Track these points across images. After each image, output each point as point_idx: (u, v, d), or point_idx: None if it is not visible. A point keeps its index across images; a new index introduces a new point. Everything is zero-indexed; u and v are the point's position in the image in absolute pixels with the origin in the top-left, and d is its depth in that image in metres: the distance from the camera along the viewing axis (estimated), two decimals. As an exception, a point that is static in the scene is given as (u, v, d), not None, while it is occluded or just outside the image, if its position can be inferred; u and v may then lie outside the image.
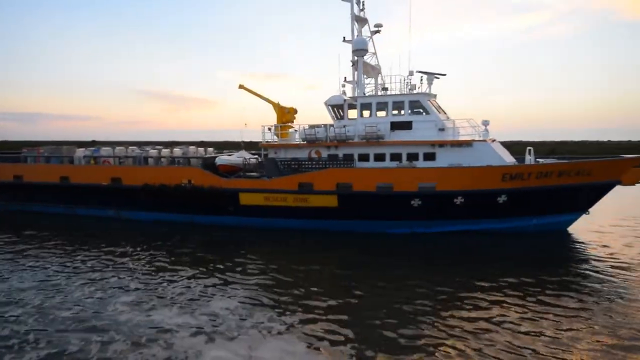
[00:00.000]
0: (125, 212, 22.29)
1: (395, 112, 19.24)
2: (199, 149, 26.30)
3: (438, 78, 21.86)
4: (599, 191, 18.56)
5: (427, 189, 17.49)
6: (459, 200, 17.54)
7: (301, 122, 20.54)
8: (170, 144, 32.23)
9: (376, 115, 19.33)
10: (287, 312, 10.11)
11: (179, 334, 8.71)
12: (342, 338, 8.77)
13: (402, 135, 18.70)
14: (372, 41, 21.87)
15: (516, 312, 10.12)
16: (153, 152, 22.93)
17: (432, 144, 18.38)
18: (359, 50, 19.39)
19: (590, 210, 19.80)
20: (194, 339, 8.50)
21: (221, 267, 13.70)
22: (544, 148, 67.61)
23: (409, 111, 19.00)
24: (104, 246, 16.35)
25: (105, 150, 24.50)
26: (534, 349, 8.33)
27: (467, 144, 18.20)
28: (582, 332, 9.06)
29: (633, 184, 18.71)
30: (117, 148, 25.09)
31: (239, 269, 13.52)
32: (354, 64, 20.07)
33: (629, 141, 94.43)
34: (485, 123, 20.29)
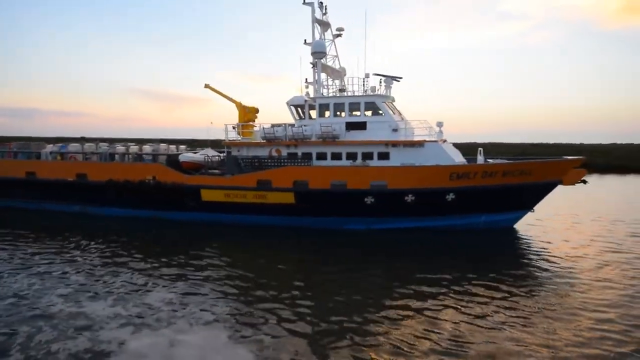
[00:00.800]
0: (91, 208, 22.59)
1: (353, 113, 19.91)
2: (171, 146, 26.62)
3: (398, 81, 22.62)
4: (541, 190, 19.57)
5: (379, 187, 18.24)
6: (409, 198, 18.33)
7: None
8: (162, 142, 32.38)
9: (334, 115, 19.98)
10: (222, 304, 10.57)
11: (108, 325, 9.12)
12: (269, 330, 9.20)
13: (356, 135, 19.39)
14: (334, 44, 22.51)
15: (462, 304, 10.72)
16: (121, 148, 23.21)
17: (386, 143, 19.10)
18: (317, 53, 19.95)
19: (535, 208, 20.97)
20: (121, 330, 8.92)
21: (171, 261, 14.09)
22: (514, 150, 69.69)
23: (365, 112, 19.70)
24: (59, 240, 16.62)
25: (73, 147, 24.66)
26: (473, 339, 8.85)
27: (419, 144, 18.98)
28: (523, 319, 9.83)
29: (573, 184, 19.76)
30: (86, 144, 25.28)
31: (188, 263, 13.94)
32: (314, 65, 20.62)
33: (600, 144, 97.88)
34: (439, 124, 21.14)
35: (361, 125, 19.38)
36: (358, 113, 19.71)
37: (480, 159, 20.93)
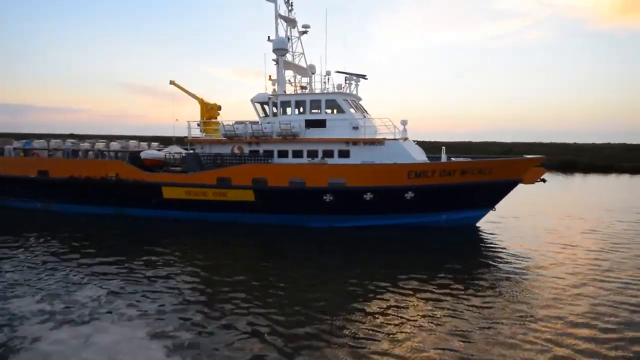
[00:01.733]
0: (54, 205, 22.46)
1: (315, 110, 19.93)
2: (142, 143, 26.48)
3: (366, 79, 22.75)
4: (501, 189, 19.70)
5: (337, 185, 18.28)
6: (368, 196, 18.39)
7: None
8: (153, 139, 31.78)
9: (295, 113, 19.99)
10: (151, 300, 10.53)
11: (29, 320, 9.05)
12: (191, 327, 9.15)
13: (316, 133, 19.40)
14: (300, 42, 22.51)
15: (419, 299, 10.92)
16: (85, 145, 23.07)
17: (347, 141, 19.14)
18: (279, 50, 19.91)
19: (497, 206, 21.13)
20: (41, 326, 8.83)
21: (117, 258, 13.98)
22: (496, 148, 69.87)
23: (326, 110, 19.72)
24: (8, 237, 16.40)
25: (38, 143, 24.47)
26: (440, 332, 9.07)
27: (379, 142, 19.04)
28: (484, 314, 10.09)
29: (533, 182, 19.90)
30: (53, 141, 25.07)
31: (134, 260, 13.81)
32: (277, 62, 20.59)
33: (593, 144, 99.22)
34: (404, 122, 21.25)
35: (321, 123, 19.40)
36: (317, 110, 19.73)
37: (443, 157, 21.07)
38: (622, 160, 61.12)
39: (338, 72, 20.67)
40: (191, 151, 21.43)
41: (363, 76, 22.17)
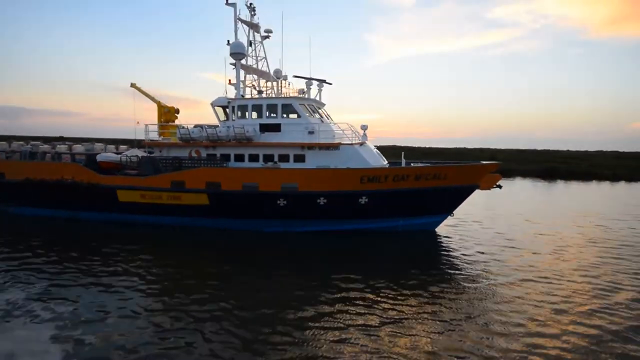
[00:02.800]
0: (12, 208, 22.18)
1: (272, 114, 19.90)
2: (110, 146, 26.26)
3: (330, 83, 22.85)
4: (457, 194, 19.73)
5: (290, 189, 18.21)
6: (322, 200, 18.33)
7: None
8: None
9: (252, 117, 19.95)
10: (69, 304, 10.44)
11: None
12: (107, 331, 9.12)
13: (271, 137, 19.36)
14: (263, 46, 22.56)
15: (377, 306, 10.77)
16: (44, 147, 22.84)
17: (302, 146, 19.11)
18: (236, 54, 19.91)
19: (460, 211, 21.17)
20: None
21: (52, 261, 13.89)
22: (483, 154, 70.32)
23: (282, 114, 19.71)
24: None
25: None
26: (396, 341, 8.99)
27: (334, 146, 19.01)
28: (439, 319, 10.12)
29: (489, 188, 19.99)
30: (15, 143, 24.82)
31: (71, 263, 13.68)
32: (234, 66, 20.59)
33: (586, 151, 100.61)
34: (364, 128, 21.27)
35: (275, 127, 19.37)
36: (274, 114, 19.71)
37: (402, 163, 21.10)
38: (610, 168, 61.70)
39: (295, 76, 20.73)
40: (149, 154, 21.27)
41: (323, 81, 22.25)
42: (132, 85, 22.36)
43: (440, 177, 18.88)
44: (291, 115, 19.82)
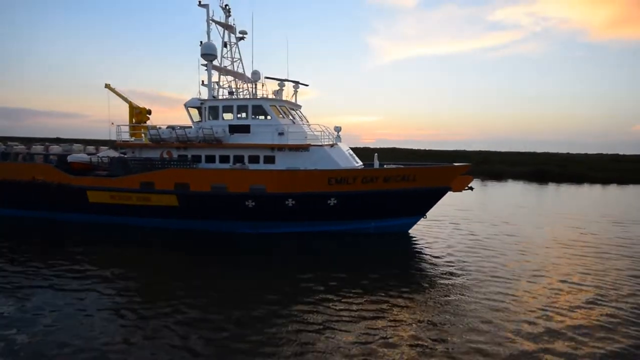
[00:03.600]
0: None
1: (242, 116, 19.87)
2: (89, 147, 26.23)
3: (306, 85, 22.89)
4: (428, 196, 19.64)
5: (258, 191, 18.15)
6: (290, 202, 18.27)
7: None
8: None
9: (223, 118, 19.92)
10: (17, 299, 10.57)
11: None
12: (45, 330, 9.13)
13: (240, 139, 19.31)
14: (238, 48, 22.55)
15: (352, 308, 10.71)
16: (18, 148, 22.83)
17: (271, 147, 19.05)
18: (207, 55, 19.89)
19: (428, 214, 21.07)
20: None
21: (19, 260, 13.96)
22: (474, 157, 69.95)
23: (252, 115, 19.68)
24: None
25: None
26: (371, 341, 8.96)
27: (304, 148, 18.95)
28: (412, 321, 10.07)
29: (461, 190, 19.90)
30: None
31: (26, 263, 13.75)
32: (206, 67, 20.55)
33: (585, 154, 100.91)
34: (337, 129, 21.29)
35: (245, 129, 19.32)
36: (244, 116, 19.67)
37: (376, 164, 21.04)
38: (607, 171, 61.59)
39: (267, 77, 20.71)
40: (122, 155, 21.23)
41: (297, 82, 22.25)
42: (107, 85, 22.34)
43: (409, 179, 18.82)
44: (262, 117, 19.80)
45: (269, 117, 19.48)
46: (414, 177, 18.81)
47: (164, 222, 19.56)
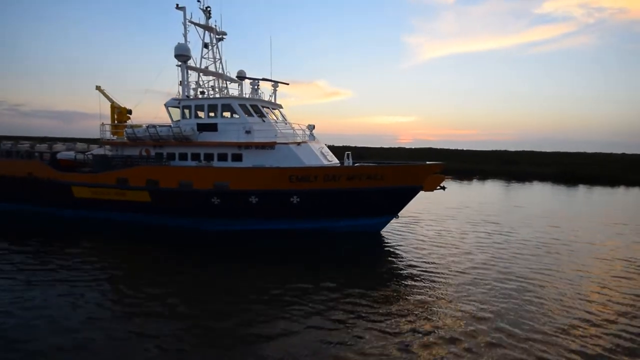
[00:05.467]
0: None
1: (212, 114, 20.27)
2: (93, 146, 27.86)
3: (287, 84, 23.03)
4: (397, 196, 19.03)
5: (222, 188, 18.44)
6: (253, 199, 18.41)
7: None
8: None
9: (194, 117, 20.42)
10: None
11: None
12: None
13: (208, 137, 19.69)
14: (218, 48, 23.02)
15: (322, 309, 10.69)
16: (7, 145, 24.65)
17: (238, 145, 19.28)
18: (179, 56, 20.43)
19: (400, 214, 20.44)
20: None
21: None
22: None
23: (223, 114, 20.02)
24: None
25: None
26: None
27: (270, 146, 19.00)
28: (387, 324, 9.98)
29: (433, 190, 19.09)
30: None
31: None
32: (181, 68, 21.14)
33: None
34: (310, 127, 21.19)
35: (212, 127, 19.68)
36: (215, 114, 20.04)
37: (346, 162, 20.70)
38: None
39: (239, 77, 20.96)
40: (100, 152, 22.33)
41: (274, 81, 22.36)
42: (97, 87, 23.62)
43: (376, 177, 18.34)
44: (234, 115, 20.08)
45: (236, 116, 19.73)
46: (380, 176, 18.32)
47: (138, 217, 20.36)
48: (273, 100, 22.66)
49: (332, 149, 26.78)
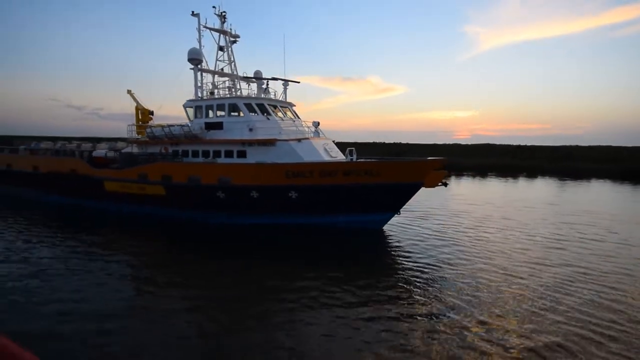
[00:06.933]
0: (43, 196, 27.66)
1: (220, 113, 21.43)
2: (121, 143, 30.68)
3: (298, 82, 23.74)
4: (396, 192, 18.70)
5: (225, 183, 19.49)
6: (254, 194, 19.23)
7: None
8: None
9: (205, 116, 21.74)
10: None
11: None
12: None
13: (215, 135, 20.85)
14: (231, 50, 24.20)
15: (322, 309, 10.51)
16: (47, 144, 28.20)
17: (243, 142, 20.21)
18: (192, 60, 21.84)
19: (402, 210, 20.02)
20: None
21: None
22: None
23: (231, 113, 21.08)
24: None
25: (45, 144, 30.39)
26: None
27: (271, 143, 19.68)
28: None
29: (434, 186, 18.50)
30: (45, 142, 30.85)
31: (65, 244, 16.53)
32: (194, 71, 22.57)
33: None
34: (315, 124, 21.62)
35: (218, 125, 20.80)
36: (222, 113, 21.18)
37: (347, 157, 20.75)
38: None
39: (244, 77, 21.89)
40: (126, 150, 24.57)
41: (286, 80, 23.12)
42: (128, 91, 26.03)
43: (373, 173, 18.21)
44: (239, 114, 21.08)
45: (241, 114, 20.68)
46: (377, 172, 18.16)
47: (158, 210, 22.15)
48: (283, 99, 23.36)
49: (380, 147, 26.68)
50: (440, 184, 18.42)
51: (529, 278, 12.86)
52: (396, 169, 18.30)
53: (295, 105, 24.34)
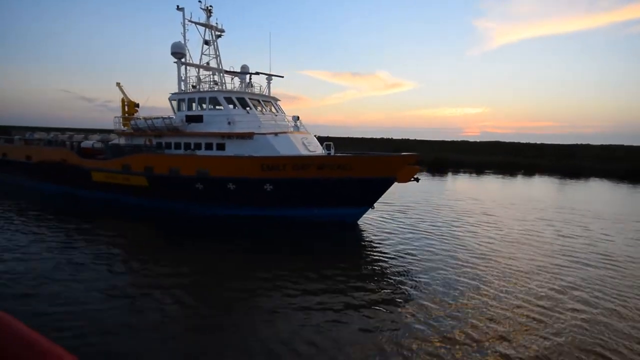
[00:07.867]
0: (36, 184, 28.44)
1: (203, 106, 21.80)
2: (105, 135, 31.23)
3: (282, 77, 24.03)
4: (369, 186, 18.93)
5: (204, 174, 19.91)
6: (231, 186, 19.63)
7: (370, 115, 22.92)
8: None
9: (186, 109, 22.13)
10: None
11: None
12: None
13: (195, 127, 21.24)
14: (216, 45, 24.50)
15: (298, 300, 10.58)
16: (64, 136, 28.76)
17: (221, 135, 20.57)
18: (175, 53, 22.18)
19: (376, 205, 20.25)
20: None
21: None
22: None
23: (210, 106, 21.44)
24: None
25: (39, 134, 31.18)
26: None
27: (249, 136, 20.02)
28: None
29: (406, 181, 18.69)
30: (39, 133, 31.60)
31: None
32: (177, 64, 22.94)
33: None
34: (294, 118, 21.92)
35: (198, 118, 21.19)
36: (204, 107, 21.55)
37: (326, 152, 21.02)
38: None
39: (226, 72, 22.18)
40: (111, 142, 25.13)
41: (269, 74, 23.37)
42: (117, 84, 26.56)
43: (346, 167, 18.47)
44: (219, 107, 21.44)
45: (220, 108, 21.03)
46: (350, 166, 18.41)
47: (142, 200, 22.70)
48: (267, 93, 23.66)
49: (386, 142, 26.87)
50: (412, 179, 18.62)
51: (486, 269, 13.08)
52: (369, 164, 18.52)
53: (279, 100, 24.61)
